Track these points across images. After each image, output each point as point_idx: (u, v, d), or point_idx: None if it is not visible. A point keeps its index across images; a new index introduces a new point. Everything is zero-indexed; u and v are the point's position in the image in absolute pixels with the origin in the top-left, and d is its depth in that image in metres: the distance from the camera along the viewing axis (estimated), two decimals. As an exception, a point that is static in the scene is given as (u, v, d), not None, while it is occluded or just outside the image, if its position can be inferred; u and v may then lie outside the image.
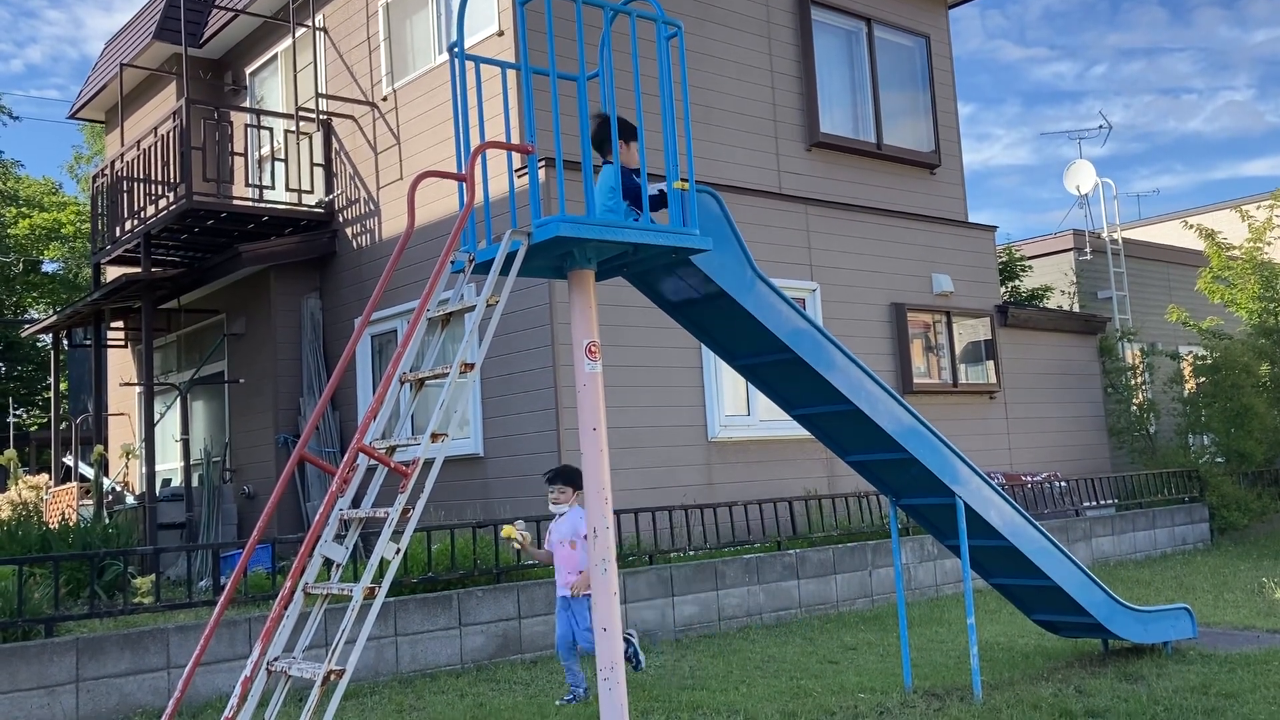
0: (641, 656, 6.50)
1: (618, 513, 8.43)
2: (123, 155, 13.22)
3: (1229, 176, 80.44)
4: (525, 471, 9.99)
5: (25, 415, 30.87)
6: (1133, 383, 15.77)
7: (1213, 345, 15.32)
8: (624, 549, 8.63)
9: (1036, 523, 6.50)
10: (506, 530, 6.35)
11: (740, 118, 11.94)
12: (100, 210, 13.86)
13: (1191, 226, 16.62)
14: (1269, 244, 15.93)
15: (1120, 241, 17.56)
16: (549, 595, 7.91)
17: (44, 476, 14.32)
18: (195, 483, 12.82)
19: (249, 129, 13.43)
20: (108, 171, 13.64)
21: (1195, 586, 10.16)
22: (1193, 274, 17.40)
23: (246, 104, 14.31)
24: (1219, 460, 14.81)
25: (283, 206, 12.71)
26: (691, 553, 9.18)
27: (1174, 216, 23.99)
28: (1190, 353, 16.36)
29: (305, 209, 12.73)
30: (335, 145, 12.83)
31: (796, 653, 7.67)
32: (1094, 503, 12.62)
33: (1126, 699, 5.82)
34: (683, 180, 4.85)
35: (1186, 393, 15.67)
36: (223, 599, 4.48)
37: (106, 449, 13.65)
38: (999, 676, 6.57)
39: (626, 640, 5.32)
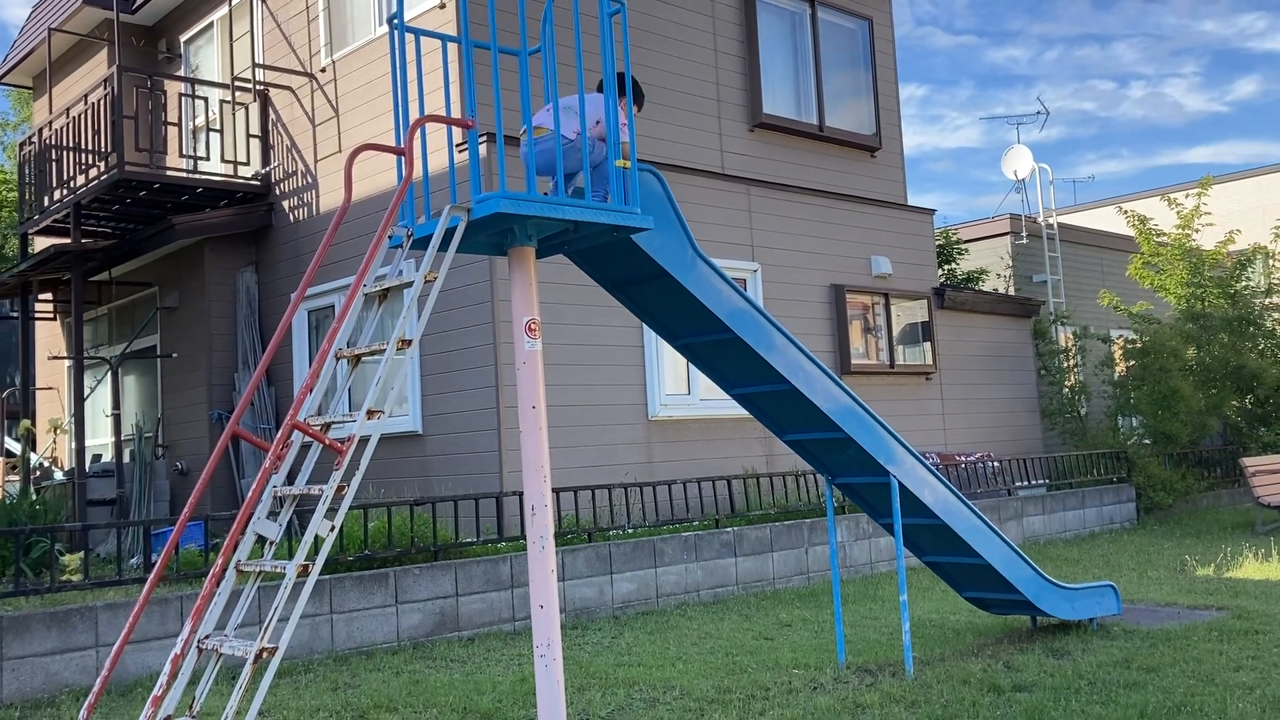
0: None
1: (557, 491, 8.44)
2: (51, 123, 12.87)
3: (1172, 163, 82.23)
4: (464, 449, 9.94)
5: (-51, 389, 30.05)
6: (1065, 365, 16.08)
7: (1142, 329, 15.67)
8: (563, 527, 8.64)
9: (969, 502, 6.62)
10: None
11: (684, 97, 11.93)
12: (28, 179, 13.49)
13: (1125, 213, 16.94)
14: (1197, 231, 16.30)
15: (1055, 226, 17.85)
16: (487, 573, 7.89)
17: (-32, 451, 13.97)
18: (126, 458, 12.57)
19: (183, 98, 13.13)
20: (35, 139, 13.27)
21: (1121, 564, 10.41)
22: (1125, 259, 17.75)
23: (181, 73, 13.99)
24: (1146, 442, 15.16)
25: (218, 178, 12.46)
26: (630, 530, 9.21)
27: (1108, 202, 24.47)
28: (1121, 336, 16.72)
29: (241, 181, 12.50)
30: (272, 117, 12.60)
31: (733, 629, 7.74)
32: (1026, 483, 12.87)
33: (1053, 674, 5.96)
34: (625, 159, 4.83)
35: (1116, 376, 16.01)
36: (153, 576, 4.41)
37: (34, 423, 13.34)
38: (930, 652, 6.69)
39: None
